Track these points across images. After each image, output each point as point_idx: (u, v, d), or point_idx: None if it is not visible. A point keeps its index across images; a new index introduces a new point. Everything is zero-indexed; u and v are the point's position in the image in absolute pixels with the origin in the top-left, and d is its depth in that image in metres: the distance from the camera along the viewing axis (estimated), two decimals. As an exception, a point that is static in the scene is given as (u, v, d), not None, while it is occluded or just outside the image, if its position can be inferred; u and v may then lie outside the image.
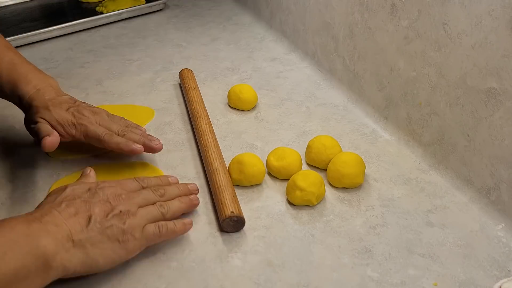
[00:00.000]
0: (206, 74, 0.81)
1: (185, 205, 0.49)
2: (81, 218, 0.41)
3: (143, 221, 0.44)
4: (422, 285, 0.44)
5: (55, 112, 0.55)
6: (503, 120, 0.49)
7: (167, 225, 0.46)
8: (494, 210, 0.51)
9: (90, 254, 0.40)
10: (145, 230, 0.44)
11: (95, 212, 0.42)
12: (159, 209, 0.46)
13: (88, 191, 0.44)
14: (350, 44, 0.72)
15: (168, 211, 0.47)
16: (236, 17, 1.06)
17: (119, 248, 0.42)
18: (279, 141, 0.64)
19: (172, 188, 0.50)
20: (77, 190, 0.44)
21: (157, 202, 0.47)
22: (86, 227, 0.41)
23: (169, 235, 0.46)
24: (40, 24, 0.97)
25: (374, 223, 0.50)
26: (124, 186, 0.47)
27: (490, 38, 0.48)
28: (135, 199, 0.46)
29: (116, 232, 0.42)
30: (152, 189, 0.48)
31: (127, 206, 0.44)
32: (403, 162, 0.60)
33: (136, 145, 0.55)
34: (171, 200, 0.49)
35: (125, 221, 0.43)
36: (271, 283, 0.44)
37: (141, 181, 0.49)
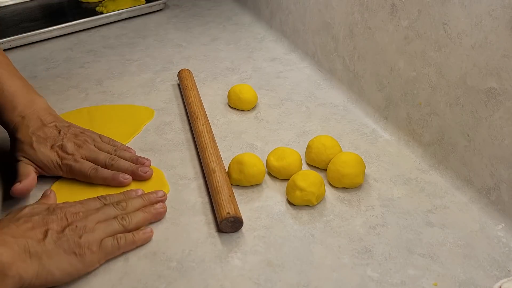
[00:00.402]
0: (206, 74, 0.81)
1: (149, 214, 0.49)
2: (38, 232, 0.42)
3: (101, 235, 0.45)
4: (422, 285, 0.44)
5: (39, 152, 0.54)
6: (503, 120, 0.49)
7: (126, 237, 0.46)
8: (494, 210, 0.51)
9: (46, 266, 0.41)
10: (103, 244, 0.44)
11: (51, 227, 0.43)
12: (120, 222, 0.47)
13: (46, 210, 0.45)
14: (350, 44, 0.72)
15: (130, 223, 0.47)
16: (236, 17, 1.06)
17: (76, 261, 0.42)
18: (279, 141, 0.64)
19: (136, 200, 0.50)
20: (36, 209, 0.45)
21: (119, 215, 0.48)
22: (43, 240, 0.41)
23: (128, 246, 0.46)
24: (40, 24, 0.97)
25: (374, 223, 0.50)
26: (84, 205, 0.48)
27: (490, 38, 0.48)
28: (93, 215, 0.46)
29: (73, 245, 0.42)
30: (114, 204, 0.49)
31: (84, 222, 0.45)
32: (403, 162, 0.60)
33: (124, 177, 0.55)
34: (134, 212, 0.49)
35: (81, 235, 0.43)
36: (271, 283, 0.44)
37: (103, 199, 0.50)
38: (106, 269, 0.45)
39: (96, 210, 0.47)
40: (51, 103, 0.72)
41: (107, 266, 0.45)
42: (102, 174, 0.54)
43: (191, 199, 0.54)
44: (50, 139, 0.55)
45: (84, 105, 0.72)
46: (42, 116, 0.57)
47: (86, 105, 0.72)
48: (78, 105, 0.72)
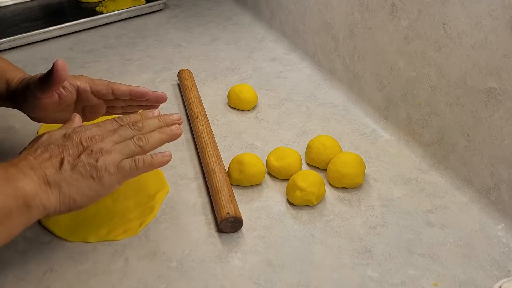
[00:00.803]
0: (206, 74, 0.81)
1: (166, 135, 0.48)
2: (55, 161, 0.42)
3: (118, 156, 0.44)
4: (422, 285, 0.44)
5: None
6: (503, 120, 0.49)
7: (144, 159, 0.45)
8: (494, 210, 0.51)
9: (67, 193, 0.41)
10: (120, 165, 0.44)
11: (67, 154, 0.43)
12: (136, 142, 0.46)
13: (63, 137, 0.45)
14: (350, 44, 0.72)
15: (147, 143, 0.47)
16: (236, 17, 1.06)
17: (94, 184, 0.43)
18: (279, 141, 0.64)
19: (152, 121, 0.49)
20: (53, 136, 0.45)
21: (135, 136, 0.47)
22: (60, 169, 0.42)
23: (146, 169, 0.46)
24: (40, 24, 0.97)
25: (374, 223, 0.50)
26: (101, 127, 0.47)
27: (490, 38, 0.48)
28: (110, 137, 0.46)
29: (89, 169, 0.43)
30: (130, 124, 0.48)
31: (100, 145, 0.44)
32: (403, 162, 0.60)
33: (146, 90, 0.54)
34: (150, 132, 0.48)
35: (97, 158, 0.43)
36: (271, 283, 0.44)
37: (120, 120, 0.49)
38: (106, 269, 0.45)
39: (112, 132, 0.46)
40: (51, 103, 0.72)
41: (107, 266, 0.45)
42: (126, 85, 0.54)
43: (191, 199, 0.54)
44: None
45: (84, 105, 0.72)
46: None
47: (86, 105, 0.72)
48: (78, 105, 0.72)
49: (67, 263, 0.46)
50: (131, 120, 0.49)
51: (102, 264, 0.45)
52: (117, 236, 0.49)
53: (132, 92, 0.54)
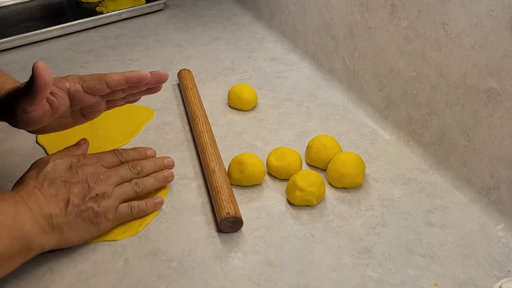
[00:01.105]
0: (206, 74, 0.81)
1: (160, 182, 0.53)
2: (61, 200, 0.44)
3: (117, 201, 0.48)
4: (422, 285, 0.44)
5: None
6: (503, 120, 0.49)
7: (139, 206, 0.50)
8: (494, 210, 0.51)
9: (66, 235, 0.44)
10: (118, 211, 0.48)
11: (73, 194, 0.45)
12: (134, 188, 0.50)
13: (69, 170, 0.47)
14: (350, 44, 0.72)
15: (143, 189, 0.51)
16: (236, 17, 1.06)
17: (92, 228, 0.46)
18: (279, 141, 0.64)
19: (149, 164, 0.53)
20: (58, 166, 0.46)
21: (133, 179, 0.50)
22: (65, 210, 0.44)
23: (140, 214, 0.50)
24: (40, 24, 0.97)
25: (374, 223, 0.50)
26: (103, 161, 0.50)
27: (490, 38, 0.48)
28: (112, 178, 0.48)
29: (91, 215, 0.45)
30: (129, 165, 0.51)
31: (104, 188, 0.47)
32: (403, 162, 0.60)
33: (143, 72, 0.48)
34: (147, 177, 0.52)
35: (100, 203, 0.46)
36: (271, 283, 0.44)
37: (120, 155, 0.52)
38: (106, 269, 0.45)
39: (113, 172, 0.49)
40: (51, 103, 0.72)
41: (107, 266, 0.45)
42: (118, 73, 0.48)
43: (191, 199, 0.54)
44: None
45: (84, 105, 0.72)
46: None
47: (86, 105, 0.72)
48: (78, 105, 0.72)
49: (67, 263, 0.46)
50: (130, 158, 0.53)
51: (102, 264, 0.45)
52: (117, 236, 0.49)
53: (128, 79, 0.48)
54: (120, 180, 0.49)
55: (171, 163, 0.55)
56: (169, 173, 0.54)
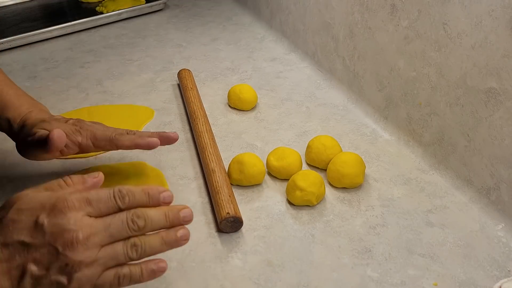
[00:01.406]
0: (206, 74, 0.81)
1: (168, 246, 0.37)
2: (14, 269, 0.32)
3: (99, 270, 0.34)
4: (422, 285, 0.44)
5: (54, 123, 0.50)
6: (503, 120, 0.49)
7: (131, 275, 0.35)
8: (494, 210, 0.51)
9: None
10: (98, 283, 0.34)
11: (32, 260, 0.32)
12: (128, 252, 0.35)
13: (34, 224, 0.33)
14: (350, 44, 0.72)
15: (141, 255, 0.36)
16: (236, 17, 1.06)
17: None
18: (279, 141, 0.64)
19: (158, 217, 0.37)
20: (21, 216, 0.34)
21: (130, 238, 0.36)
22: (18, 284, 0.32)
23: (130, 285, 0.36)
24: (40, 24, 0.97)
25: (374, 223, 0.50)
26: (93, 205, 0.35)
27: (490, 38, 0.48)
28: (98, 236, 0.34)
29: None
30: (129, 216, 0.36)
31: (81, 255, 0.33)
32: (403, 162, 0.60)
33: (152, 138, 0.52)
34: (151, 236, 0.37)
35: (72, 276, 0.33)
36: (271, 283, 0.44)
37: (120, 199, 0.36)
38: (106, 269, 0.45)
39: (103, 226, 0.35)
40: (51, 103, 0.72)
41: (107, 266, 0.45)
42: (128, 136, 0.52)
43: (191, 199, 0.54)
44: (63, 119, 0.53)
45: (84, 105, 0.72)
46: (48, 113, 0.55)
47: (86, 105, 0.72)
48: (78, 105, 0.72)
49: (67, 263, 0.46)
50: (133, 204, 0.37)
51: None
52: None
53: (138, 146, 0.52)
54: (110, 239, 0.35)
55: (189, 215, 0.38)
56: (184, 233, 0.38)
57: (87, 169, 0.58)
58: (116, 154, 0.61)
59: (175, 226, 0.38)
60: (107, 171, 0.58)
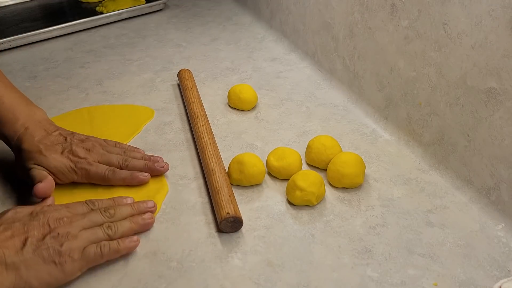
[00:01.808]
0: (206, 74, 0.81)
1: (136, 225, 0.48)
2: (17, 240, 0.41)
3: (84, 242, 0.43)
4: (422, 285, 0.44)
5: (51, 158, 0.52)
6: (503, 120, 0.49)
7: (110, 245, 0.44)
8: (494, 210, 0.51)
9: (24, 277, 0.39)
10: (85, 251, 0.43)
11: (31, 235, 0.41)
12: (105, 231, 0.45)
13: (29, 215, 0.44)
14: (350, 44, 0.72)
15: (116, 232, 0.46)
16: (236, 17, 1.06)
17: (55, 270, 0.41)
18: (279, 141, 0.64)
19: (125, 208, 0.49)
20: (19, 213, 0.44)
21: (105, 223, 0.46)
22: (21, 250, 0.40)
23: (112, 255, 0.45)
24: (40, 24, 0.97)
25: (374, 223, 0.50)
26: (70, 209, 0.46)
27: (490, 38, 0.48)
28: (78, 221, 0.45)
29: (52, 253, 0.41)
30: (101, 210, 0.47)
31: (67, 228, 0.43)
32: (403, 162, 0.60)
33: (143, 174, 0.55)
34: (122, 220, 0.47)
35: (63, 242, 0.42)
36: (271, 283, 0.44)
37: (91, 204, 0.48)
38: (106, 269, 0.45)
39: (82, 216, 0.46)
40: (51, 103, 0.72)
41: (106, 266, 0.45)
42: (120, 175, 0.54)
43: (191, 199, 0.54)
44: (59, 146, 0.54)
45: (84, 105, 0.72)
46: (45, 126, 0.55)
47: (86, 105, 0.72)
48: (78, 105, 0.72)
49: (67, 263, 0.46)
50: (103, 206, 0.49)
51: (102, 264, 0.45)
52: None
53: (129, 183, 0.54)
54: (89, 223, 0.45)
55: (151, 205, 0.51)
56: (149, 216, 0.49)
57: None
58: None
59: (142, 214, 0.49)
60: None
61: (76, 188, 0.55)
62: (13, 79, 0.80)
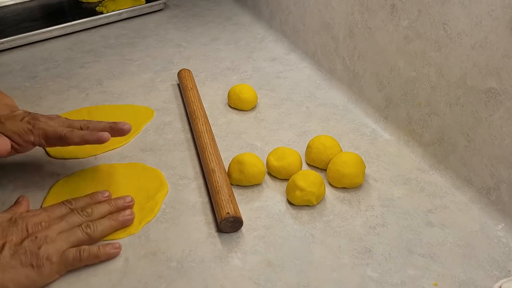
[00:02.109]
0: (206, 74, 0.81)
1: (116, 222, 0.48)
2: None
3: (63, 245, 0.44)
4: (422, 285, 0.44)
5: (8, 123, 0.51)
6: (503, 120, 0.49)
7: (90, 250, 0.44)
8: (494, 210, 0.51)
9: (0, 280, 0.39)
10: (64, 255, 0.43)
11: (9, 240, 0.42)
12: (84, 230, 0.46)
13: (8, 221, 0.44)
14: (350, 44, 0.72)
15: (95, 231, 0.46)
16: (236, 17, 1.06)
17: (33, 273, 0.41)
18: (279, 141, 0.64)
19: (102, 206, 0.49)
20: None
21: (83, 223, 0.46)
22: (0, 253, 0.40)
23: (91, 260, 0.45)
24: (40, 24, 0.97)
25: (374, 223, 0.50)
26: (49, 213, 0.47)
27: (490, 38, 0.48)
28: (56, 225, 0.45)
29: (30, 257, 0.41)
30: (78, 210, 0.48)
31: (46, 232, 0.44)
32: (403, 162, 0.60)
33: (103, 133, 0.51)
34: (100, 219, 0.48)
35: (40, 245, 0.42)
36: (271, 283, 0.44)
37: (69, 204, 0.49)
38: (106, 269, 0.45)
39: (59, 219, 0.46)
40: (51, 103, 0.73)
41: (106, 266, 0.45)
42: (79, 132, 0.51)
43: (191, 199, 0.54)
44: (20, 116, 0.53)
45: (84, 105, 0.72)
46: (11, 108, 0.55)
47: (86, 105, 0.72)
48: (78, 105, 0.72)
49: (67, 263, 0.46)
50: (80, 205, 0.49)
51: (102, 264, 0.45)
52: (116, 235, 0.49)
53: (88, 142, 0.51)
54: (67, 226, 0.46)
55: (129, 200, 0.51)
56: (128, 212, 0.49)
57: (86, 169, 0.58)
58: (116, 154, 0.61)
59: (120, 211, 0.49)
60: (107, 171, 0.58)
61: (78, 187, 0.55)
62: (13, 79, 0.80)
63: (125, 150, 0.62)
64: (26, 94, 0.75)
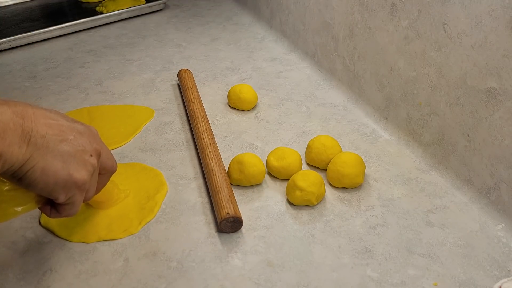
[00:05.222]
0: (206, 74, 0.81)
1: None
2: (55, 128, 0.38)
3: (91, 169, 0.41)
4: (422, 285, 0.44)
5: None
6: (503, 120, 0.49)
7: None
8: (494, 210, 0.51)
9: (34, 161, 0.36)
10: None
11: (79, 143, 0.40)
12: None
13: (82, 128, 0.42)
14: (350, 44, 0.72)
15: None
16: (236, 17, 1.06)
17: (65, 171, 0.38)
18: (279, 141, 0.64)
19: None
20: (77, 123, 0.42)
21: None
22: (60, 143, 0.38)
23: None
24: (40, 24, 0.97)
25: (374, 223, 0.50)
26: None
27: (490, 38, 0.48)
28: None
29: (77, 161, 0.39)
30: None
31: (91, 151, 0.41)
32: (403, 162, 0.60)
33: None
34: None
35: (85, 157, 0.40)
36: (271, 283, 0.44)
37: None
38: (106, 269, 0.45)
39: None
40: (51, 103, 0.72)
41: (107, 266, 0.45)
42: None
43: (191, 199, 0.54)
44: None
45: (84, 105, 0.72)
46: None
47: (86, 105, 0.72)
48: (78, 105, 0.72)
49: (67, 263, 0.46)
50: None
51: (102, 264, 0.46)
52: (116, 235, 0.49)
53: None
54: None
55: None
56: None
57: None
58: (116, 154, 0.61)
59: None
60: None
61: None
62: (13, 79, 0.80)
63: (125, 150, 0.62)
64: (26, 94, 0.75)
